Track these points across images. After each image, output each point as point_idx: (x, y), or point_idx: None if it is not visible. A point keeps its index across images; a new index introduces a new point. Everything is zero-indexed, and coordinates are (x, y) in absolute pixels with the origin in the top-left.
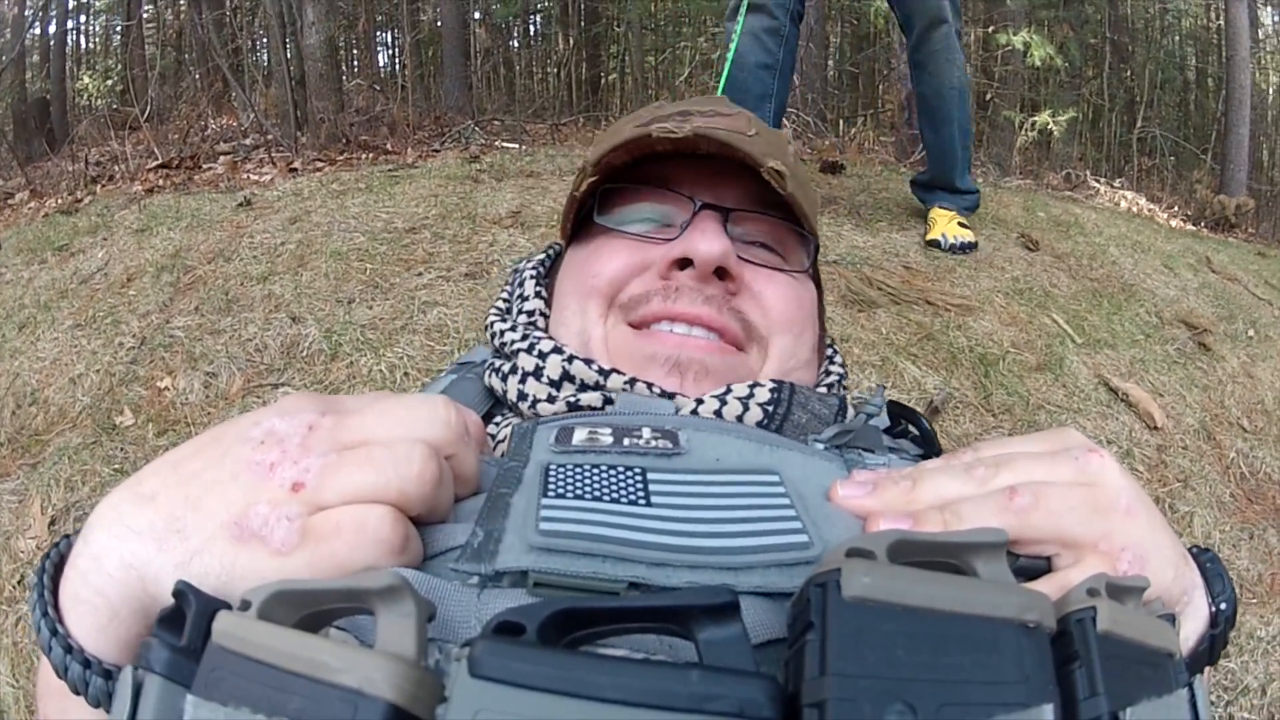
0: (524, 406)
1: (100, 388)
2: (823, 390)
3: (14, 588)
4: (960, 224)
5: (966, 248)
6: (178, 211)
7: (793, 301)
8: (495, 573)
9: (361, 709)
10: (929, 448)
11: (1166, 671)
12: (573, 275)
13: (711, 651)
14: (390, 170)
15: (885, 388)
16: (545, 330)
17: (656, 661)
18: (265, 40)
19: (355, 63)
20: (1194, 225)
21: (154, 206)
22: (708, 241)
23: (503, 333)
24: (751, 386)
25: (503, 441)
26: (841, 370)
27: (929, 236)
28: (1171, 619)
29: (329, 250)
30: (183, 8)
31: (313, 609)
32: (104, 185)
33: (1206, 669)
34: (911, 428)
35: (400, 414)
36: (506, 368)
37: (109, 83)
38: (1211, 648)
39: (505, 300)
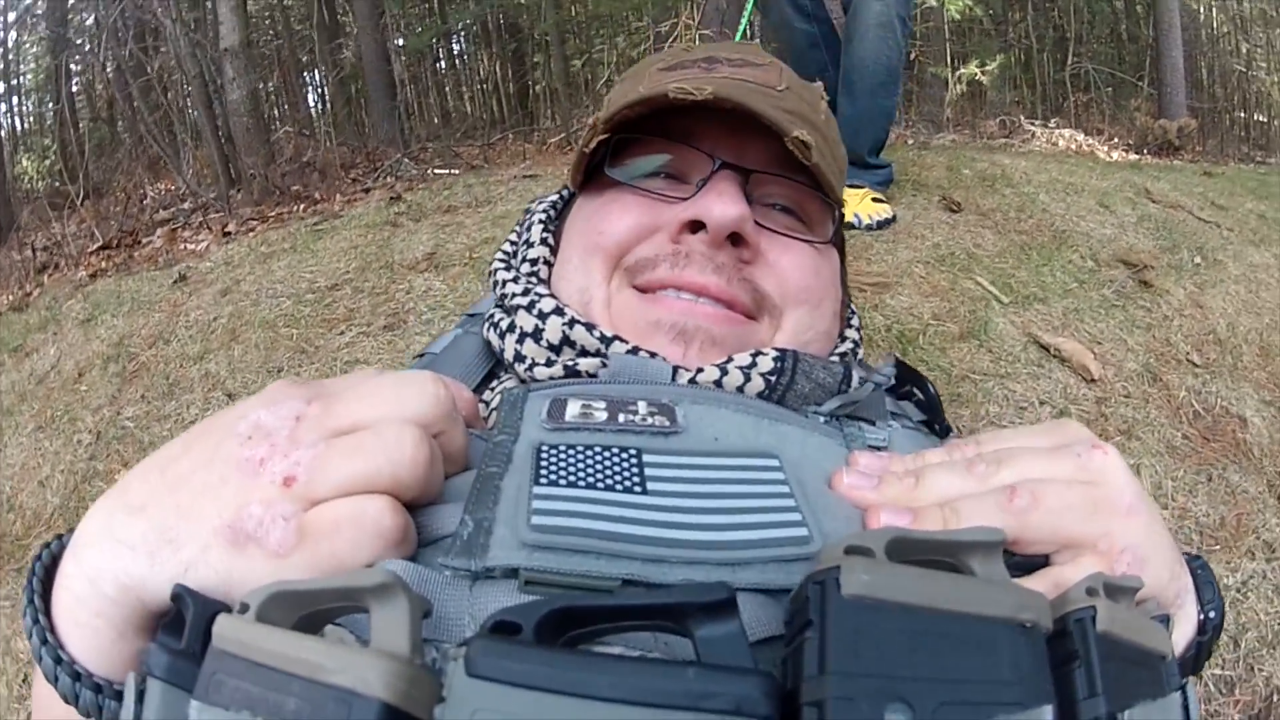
0: (520, 369)
1: (66, 487)
2: (834, 360)
3: (20, 686)
4: (874, 199)
5: (884, 224)
6: (119, 296)
7: (810, 271)
8: (486, 569)
9: (356, 709)
10: (932, 414)
11: (1160, 674)
12: (580, 228)
13: (708, 649)
14: (315, 224)
15: (896, 356)
16: (548, 280)
17: (653, 659)
18: (191, 101)
19: (284, 107)
20: (1138, 154)
21: (97, 293)
22: (723, 205)
23: (505, 282)
24: (754, 355)
25: (495, 410)
26: (857, 337)
27: None
28: (1166, 620)
29: (258, 320)
30: (110, 77)
31: (310, 609)
32: (50, 274)
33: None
34: (917, 391)
35: (387, 394)
36: (505, 324)
37: (47, 163)
38: (1198, 656)
39: (512, 243)
